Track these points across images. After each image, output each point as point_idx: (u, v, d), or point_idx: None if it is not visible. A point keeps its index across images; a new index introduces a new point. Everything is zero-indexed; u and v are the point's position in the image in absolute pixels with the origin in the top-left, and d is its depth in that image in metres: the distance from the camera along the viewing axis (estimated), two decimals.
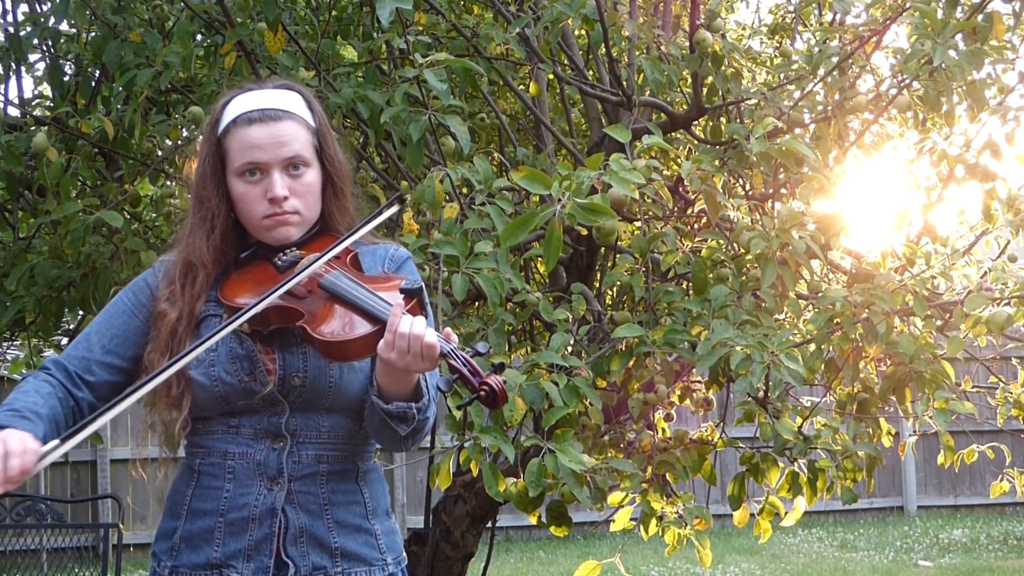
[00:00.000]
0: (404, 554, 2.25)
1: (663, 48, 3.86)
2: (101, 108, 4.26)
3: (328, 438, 2.14)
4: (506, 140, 4.70)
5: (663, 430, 4.00)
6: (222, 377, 2.09)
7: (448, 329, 2.00)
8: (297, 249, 2.16)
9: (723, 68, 3.78)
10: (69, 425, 2.06)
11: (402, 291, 2.01)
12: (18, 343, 5.18)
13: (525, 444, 3.19)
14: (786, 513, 3.77)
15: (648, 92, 3.94)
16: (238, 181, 2.14)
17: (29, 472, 1.91)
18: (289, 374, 2.11)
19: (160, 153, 4.21)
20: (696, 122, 4.07)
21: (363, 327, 2.02)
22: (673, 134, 4.29)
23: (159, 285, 2.18)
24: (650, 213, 3.73)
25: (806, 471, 3.54)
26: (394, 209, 2.24)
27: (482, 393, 1.94)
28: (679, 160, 4.43)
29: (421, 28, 4.13)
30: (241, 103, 2.16)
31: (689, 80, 4.16)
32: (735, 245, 3.50)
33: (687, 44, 3.75)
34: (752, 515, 3.80)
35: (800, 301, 3.65)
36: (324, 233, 2.21)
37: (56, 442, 1.96)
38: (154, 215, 4.60)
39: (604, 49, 3.79)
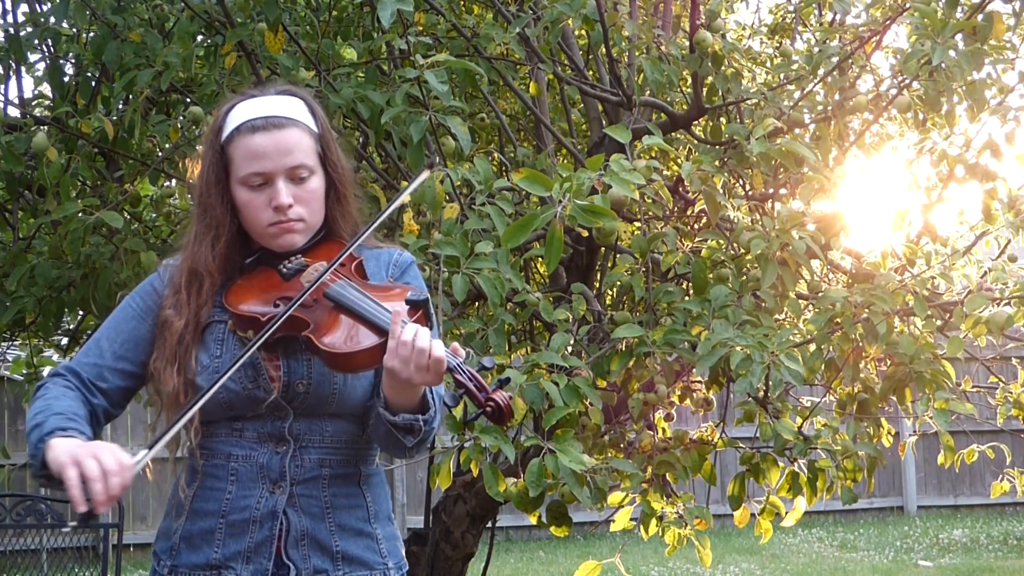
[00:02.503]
0: (405, 560, 2.25)
1: (663, 48, 3.86)
2: (101, 108, 4.26)
3: (331, 443, 2.14)
4: (506, 140, 4.70)
5: (663, 430, 4.00)
6: (227, 384, 2.08)
7: (456, 344, 1.99)
8: (302, 256, 2.16)
9: (723, 68, 3.78)
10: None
11: (408, 302, 2.00)
12: (18, 343, 5.18)
13: (525, 444, 3.19)
14: (786, 513, 3.78)
15: (648, 92, 3.94)
16: (242, 189, 2.13)
17: (127, 486, 1.89)
18: (293, 381, 2.11)
19: (160, 153, 4.21)
20: (696, 122, 4.07)
21: (369, 339, 2.01)
22: (673, 134, 4.29)
23: (165, 290, 2.18)
24: (650, 213, 3.73)
25: (806, 471, 3.54)
26: (424, 175, 2.25)
27: (488, 409, 1.93)
28: (679, 160, 4.44)
29: (421, 28, 4.13)
30: (244, 110, 2.15)
31: (689, 80, 4.16)
32: (735, 245, 3.50)
33: (687, 44, 3.75)
34: (752, 515, 3.80)
35: (800, 301, 3.65)
36: (328, 239, 2.20)
37: (144, 451, 1.94)
38: (154, 215, 4.60)
39: (604, 49, 3.79)
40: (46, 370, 5.09)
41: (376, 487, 2.21)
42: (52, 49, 4.35)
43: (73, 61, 4.40)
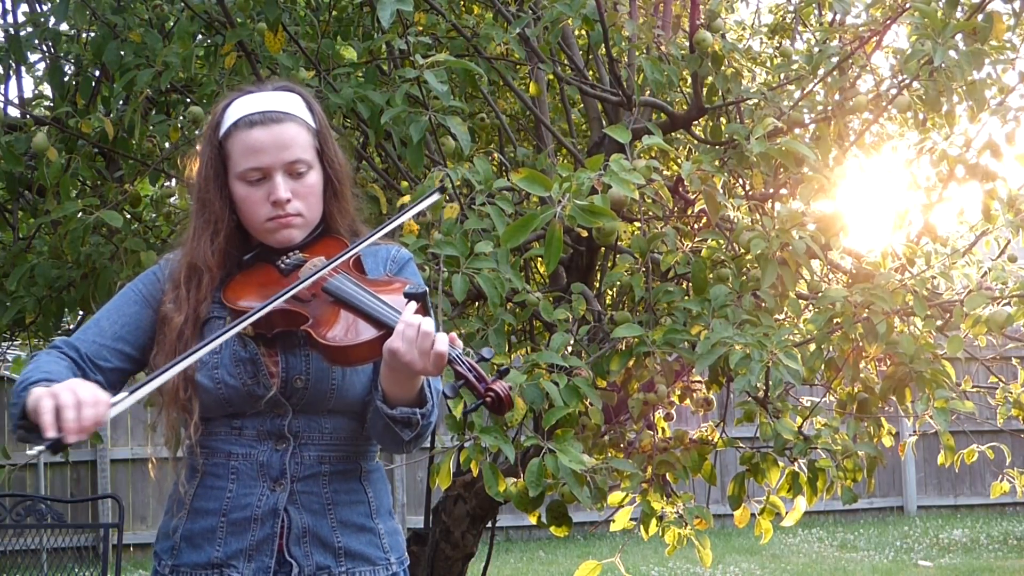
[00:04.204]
0: (406, 555, 2.25)
1: (663, 48, 3.86)
2: (101, 108, 4.26)
3: (331, 439, 2.14)
4: (506, 140, 4.70)
5: (663, 430, 4.00)
6: (225, 380, 2.09)
7: (453, 334, 1.99)
8: (300, 251, 2.16)
9: (723, 68, 3.78)
10: None
11: (406, 295, 2.01)
12: (18, 343, 5.18)
13: (525, 444, 3.19)
14: (786, 513, 3.78)
15: (648, 92, 3.94)
16: (240, 184, 2.14)
17: (102, 422, 1.87)
18: (292, 377, 2.11)
19: (160, 153, 4.21)
20: (696, 122, 4.07)
21: (367, 332, 2.02)
22: (673, 134, 4.29)
23: (166, 284, 2.19)
24: (650, 213, 3.73)
25: (806, 471, 3.54)
26: (434, 198, 2.24)
27: (488, 399, 1.94)
28: (679, 160, 4.43)
29: (421, 28, 4.13)
30: (242, 106, 2.15)
31: (689, 80, 4.16)
32: (735, 245, 3.50)
33: (687, 44, 3.75)
34: (752, 515, 3.80)
35: (800, 301, 3.65)
36: (326, 235, 2.21)
37: (125, 394, 1.92)
38: (154, 215, 4.60)
39: (604, 49, 3.79)
40: None
41: (377, 483, 2.22)
42: (52, 49, 4.35)
43: (73, 61, 4.40)
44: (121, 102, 4.37)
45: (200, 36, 4.17)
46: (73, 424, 1.83)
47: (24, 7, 4.53)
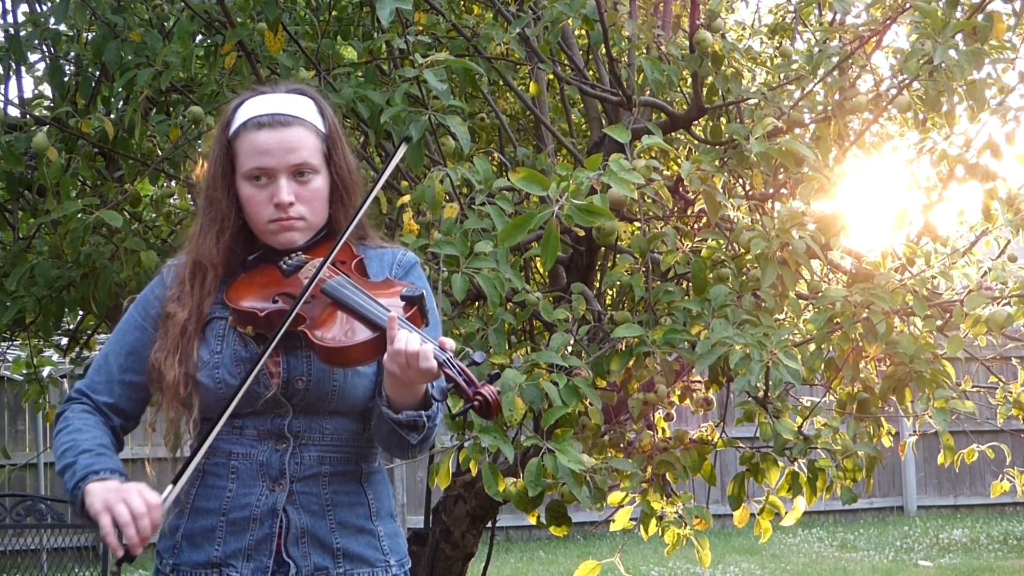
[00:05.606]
0: (408, 556, 2.25)
1: (663, 48, 3.86)
2: (101, 108, 4.26)
3: (331, 440, 2.14)
4: (506, 140, 4.70)
5: (663, 430, 4.00)
6: (226, 379, 2.10)
7: (443, 338, 2.01)
8: (303, 253, 2.17)
9: (723, 68, 3.77)
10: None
11: (403, 298, 2.02)
12: (18, 343, 5.18)
13: (525, 444, 3.19)
14: (786, 513, 3.77)
15: (648, 92, 3.94)
16: (246, 184, 2.15)
17: (159, 525, 1.98)
18: (293, 377, 2.11)
19: (160, 153, 4.21)
20: (696, 122, 4.07)
21: (363, 333, 2.03)
22: (673, 134, 4.29)
23: (168, 291, 2.20)
24: (650, 213, 3.73)
25: (806, 471, 3.54)
26: (401, 150, 2.27)
27: (475, 403, 1.95)
28: (679, 160, 4.43)
29: (421, 28, 4.13)
30: (253, 106, 2.17)
31: (689, 80, 4.16)
32: (735, 245, 3.50)
33: (687, 44, 3.75)
34: (752, 515, 3.80)
35: (800, 301, 3.65)
36: (330, 239, 2.21)
37: (170, 487, 2.02)
38: (154, 215, 4.60)
39: (604, 49, 3.79)
40: (46, 370, 5.10)
41: (378, 484, 2.22)
42: (52, 49, 4.35)
43: (73, 61, 4.40)
44: (121, 102, 4.37)
45: (200, 36, 4.17)
46: (135, 540, 1.95)
47: (24, 7, 4.53)
